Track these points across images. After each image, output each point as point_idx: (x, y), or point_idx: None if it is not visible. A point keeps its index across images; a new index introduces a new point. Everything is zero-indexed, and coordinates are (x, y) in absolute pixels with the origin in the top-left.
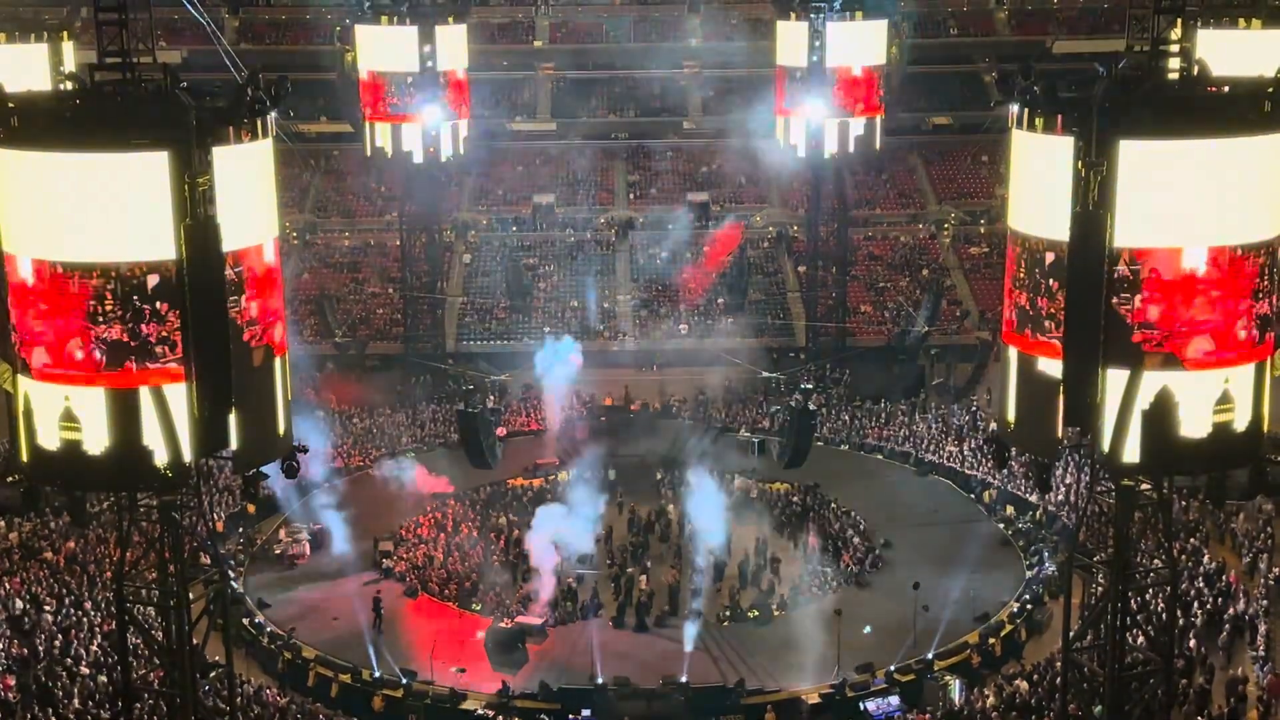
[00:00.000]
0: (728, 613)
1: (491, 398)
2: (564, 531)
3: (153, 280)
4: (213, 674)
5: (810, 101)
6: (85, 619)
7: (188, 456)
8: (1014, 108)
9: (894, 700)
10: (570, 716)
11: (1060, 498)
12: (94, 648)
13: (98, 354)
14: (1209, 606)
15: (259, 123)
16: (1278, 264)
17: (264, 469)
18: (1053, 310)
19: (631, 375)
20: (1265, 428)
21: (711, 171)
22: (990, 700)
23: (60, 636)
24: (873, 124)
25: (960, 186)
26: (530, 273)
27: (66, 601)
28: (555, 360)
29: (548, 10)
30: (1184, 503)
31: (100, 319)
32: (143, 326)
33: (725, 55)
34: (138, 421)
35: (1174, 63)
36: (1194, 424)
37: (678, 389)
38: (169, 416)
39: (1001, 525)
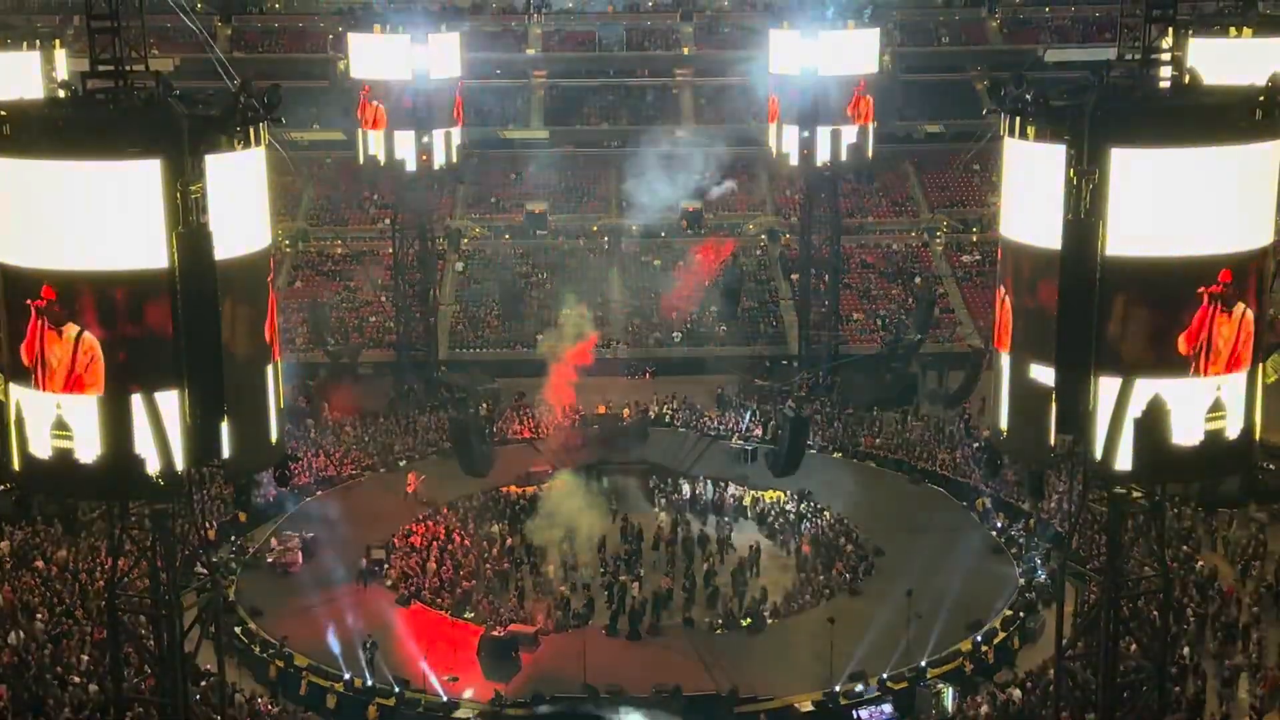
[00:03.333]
0: (720, 621)
1: (484, 405)
2: (561, 538)
3: (145, 289)
4: (204, 683)
5: (802, 110)
6: (76, 628)
7: (180, 465)
8: (1006, 116)
9: (887, 708)
10: None
11: (1053, 505)
12: (85, 657)
13: (93, 363)
14: (1202, 614)
15: (252, 131)
16: (1266, 272)
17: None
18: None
19: (624, 383)
20: (1257, 435)
21: (704, 180)
22: (984, 708)
23: (51, 645)
24: (865, 132)
25: (952, 195)
26: (523, 280)
27: (58, 610)
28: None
29: (541, 19)
30: (1176, 510)
31: (94, 327)
32: (136, 335)
33: (718, 64)
34: (129, 430)
35: (1165, 71)
36: (1186, 432)
37: (670, 397)
38: (161, 424)
39: (994, 533)
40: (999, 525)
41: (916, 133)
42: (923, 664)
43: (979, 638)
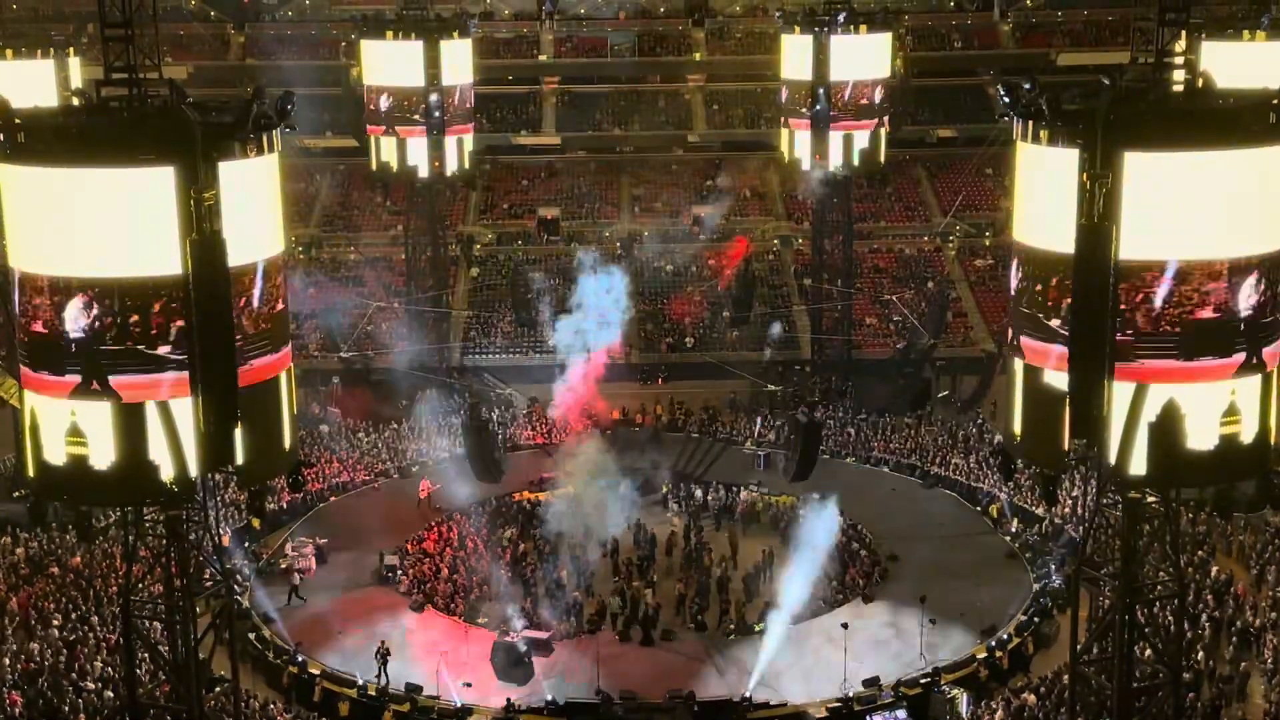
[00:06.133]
0: (733, 626)
1: (496, 411)
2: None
3: (159, 295)
4: (219, 689)
5: (814, 114)
6: (91, 634)
7: (194, 471)
8: (1018, 120)
9: (901, 714)
10: None
11: (1067, 510)
12: (99, 663)
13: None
14: (1217, 618)
15: (265, 138)
16: None
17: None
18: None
19: (637, 389)
20: (1272, 440)
21: (716, 185)
22: (998, 714)
23: (66, 651)
24: (877, 137)
25: (965, 199)
26: (535, 287)
27: (73, 616)
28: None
29: (552, 24)
30: (1191, 515)
31: (108, 334)
32: (149, 342)
33: (729, 68)
34: (144, 436)
35: (1178, 74)
36: (1201, 436)
37: (683, 402)
38: (175, 431)
39: (1008, 538)
40: (1013, 530)
41: (929, 137)
42: (937, 669)
43: (993, 643)
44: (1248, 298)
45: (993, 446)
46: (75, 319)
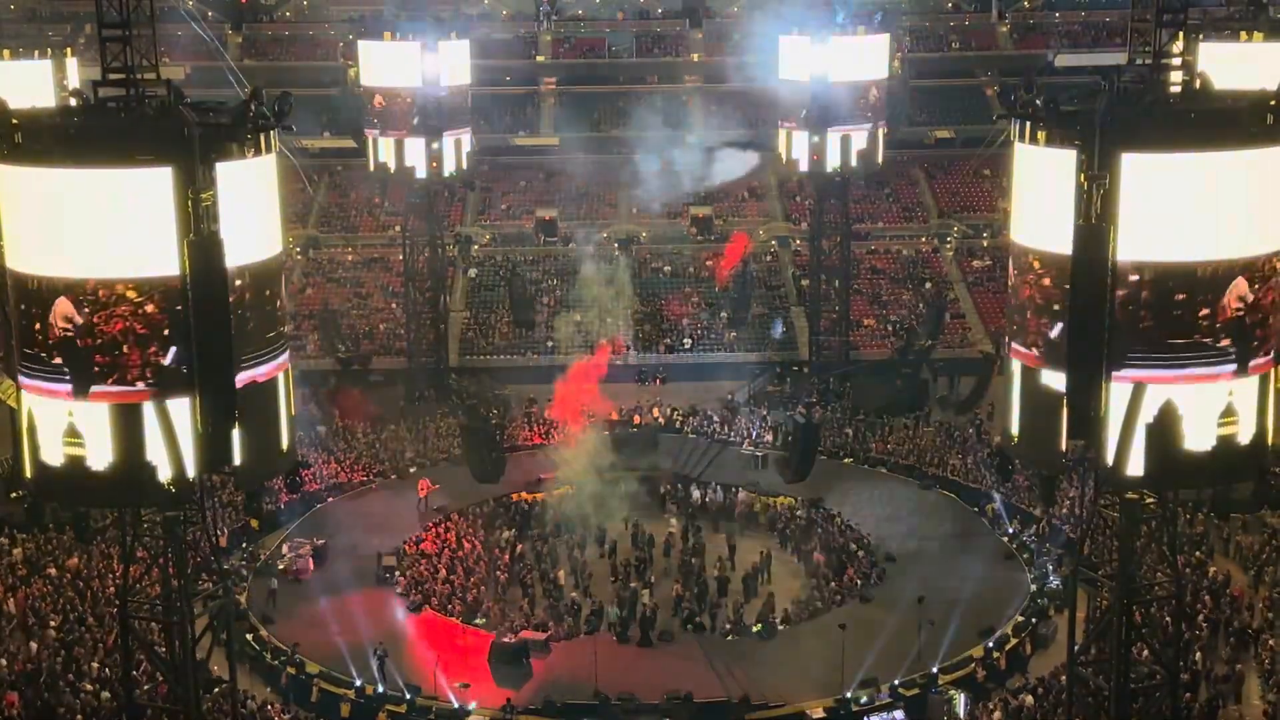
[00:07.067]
0: (731, 627)
1: (494, 411)
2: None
3: (156, 296)
4: (216, 690)
5: (812, 115)
6: (89, 635)
7: (191, 472)
8: (1016, 121)
9: (899, 715)
10: None
11: (1064, 511)
12: (96, 664)
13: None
14: (1214, 619)
15: (262, 138)
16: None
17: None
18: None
19: (634, 390)
20: (1269, 441)
21: (714, 186)
22: (996, 715)
23: (64, 652)
24: (875, 138)
25: (963, 200)
26: (533, 287)
27: (70, 617)
28: None
29: (550, 25)
30: (1188, 516)
31: (107, 335)
32: (147, 342)
33: (727, 70)
34: (141, 437)
35: (1176, 76)
36: (1198, 437)
37: (681, 403)
38: (172, 432)
39: (1005, 538)
40: (1010, 531)
41: (926, 138)
42: (934, 670)
43: (991, 644)
44: (1238, 300)
45: (990, 448)
46: (64, 320)
